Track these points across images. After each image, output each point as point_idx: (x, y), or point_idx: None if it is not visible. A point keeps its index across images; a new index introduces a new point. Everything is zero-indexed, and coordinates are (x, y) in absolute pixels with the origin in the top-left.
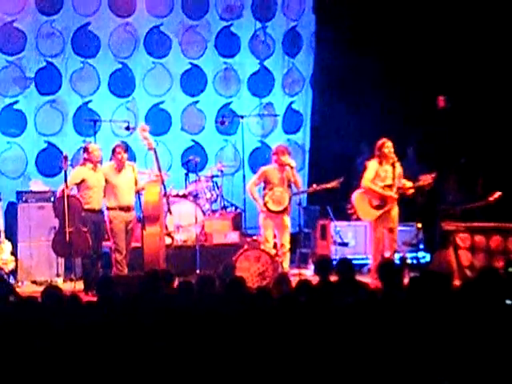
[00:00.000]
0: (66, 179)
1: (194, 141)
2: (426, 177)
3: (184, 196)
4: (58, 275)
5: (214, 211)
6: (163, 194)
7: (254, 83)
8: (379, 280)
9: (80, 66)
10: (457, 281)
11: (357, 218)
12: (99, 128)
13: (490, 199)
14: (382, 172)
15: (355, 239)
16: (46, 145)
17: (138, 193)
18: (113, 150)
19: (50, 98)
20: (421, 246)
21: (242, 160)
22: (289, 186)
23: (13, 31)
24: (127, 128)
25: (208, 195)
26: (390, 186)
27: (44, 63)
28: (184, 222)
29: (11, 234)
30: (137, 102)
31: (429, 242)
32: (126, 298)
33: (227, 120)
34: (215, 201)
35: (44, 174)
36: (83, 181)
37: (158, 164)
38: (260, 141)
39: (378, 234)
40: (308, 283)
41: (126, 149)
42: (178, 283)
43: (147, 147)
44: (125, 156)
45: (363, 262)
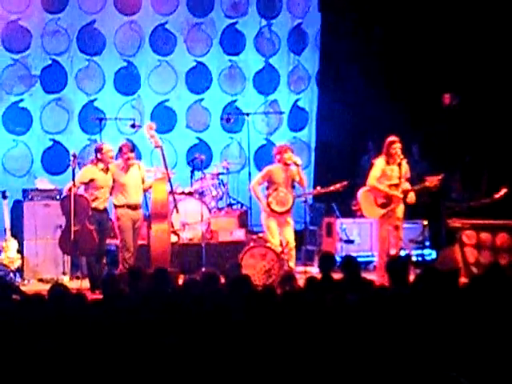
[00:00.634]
0: (73, 177)
1: (199, 138)
2: (432, 178)
3: (190, 194)
4: (64, 273)
5: (220, 209)
6: (170, 191)
7: (260, 81)
8: (388, 277)
9: (85, 64)
10: (463, 278)
11: (361, 215)
12: (105, 126)
13: (496, 196)
14: (388, 171)
15: (360, 236)
16: (51, 143)
17: (146, 191)
18: (119, 150)
19: (56, 96)
20: (427, 243)
21: (247, 158)
22: (292, 186)
23: (18, 29)
24: (133, 126)
25: (214, 193)
26: (396, 186)
27: (49, 61)
28: (190, 220)
29: (17, 232)
30: (142, 100)
31: (435, 239)
32: (131, 295)
33: (232, 118)
34: (221, 198)
35: (50, 172)
36: (92, 180)
37: (164, 162)
38: (265, 138)
39: (384, 231)
40: (317, 281)
41: (133, 148)
42: (183, 281)
43: (154, 145)
44: (131, 155)
45: (369, 259)
